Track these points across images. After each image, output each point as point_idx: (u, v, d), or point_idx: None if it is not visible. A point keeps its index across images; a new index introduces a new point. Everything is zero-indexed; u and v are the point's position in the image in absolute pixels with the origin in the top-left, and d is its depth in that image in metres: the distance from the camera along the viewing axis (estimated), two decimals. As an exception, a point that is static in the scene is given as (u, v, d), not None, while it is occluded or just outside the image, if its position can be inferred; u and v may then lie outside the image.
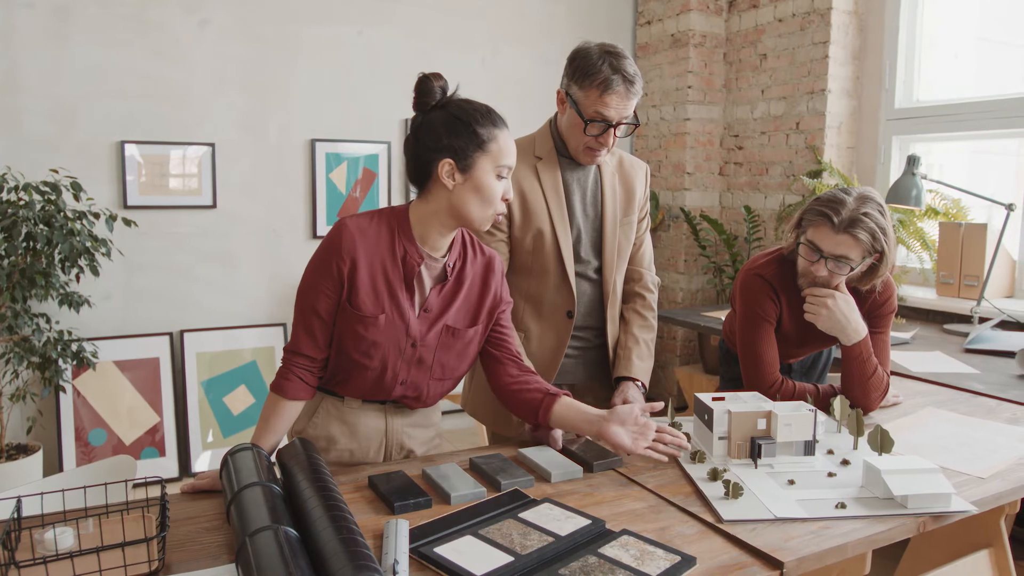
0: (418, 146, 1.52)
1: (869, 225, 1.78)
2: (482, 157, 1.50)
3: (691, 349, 4.73)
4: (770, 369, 1.94)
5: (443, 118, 1.50)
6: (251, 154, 3.87)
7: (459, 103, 1.53)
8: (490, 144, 1.50)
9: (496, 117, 1.53)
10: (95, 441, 3.51)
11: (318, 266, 1.53)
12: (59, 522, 1.29)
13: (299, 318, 1.55)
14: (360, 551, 1.05)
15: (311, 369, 1.56)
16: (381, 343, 1.55)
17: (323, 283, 1.52)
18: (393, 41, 4.09)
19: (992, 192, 3.21)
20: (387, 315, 1.54)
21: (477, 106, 1.53)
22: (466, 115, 1.50)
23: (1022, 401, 2.14)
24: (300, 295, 1.55)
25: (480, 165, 1.50)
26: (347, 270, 1.50)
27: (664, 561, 1.19)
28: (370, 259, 1.52)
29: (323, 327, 1.54)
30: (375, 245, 1.53)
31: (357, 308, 1.52)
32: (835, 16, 3.89)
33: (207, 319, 3.84)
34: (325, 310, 1.53)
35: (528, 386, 1.65)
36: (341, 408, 1.65)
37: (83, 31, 3.46)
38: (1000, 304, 3.20)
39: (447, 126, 1.49)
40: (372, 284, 1.52)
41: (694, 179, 4.64)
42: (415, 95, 1.53)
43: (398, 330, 1.55)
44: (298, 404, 1.57)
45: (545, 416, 1.61)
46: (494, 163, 1.51)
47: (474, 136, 1.49)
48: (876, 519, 1.37)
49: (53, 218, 3.01)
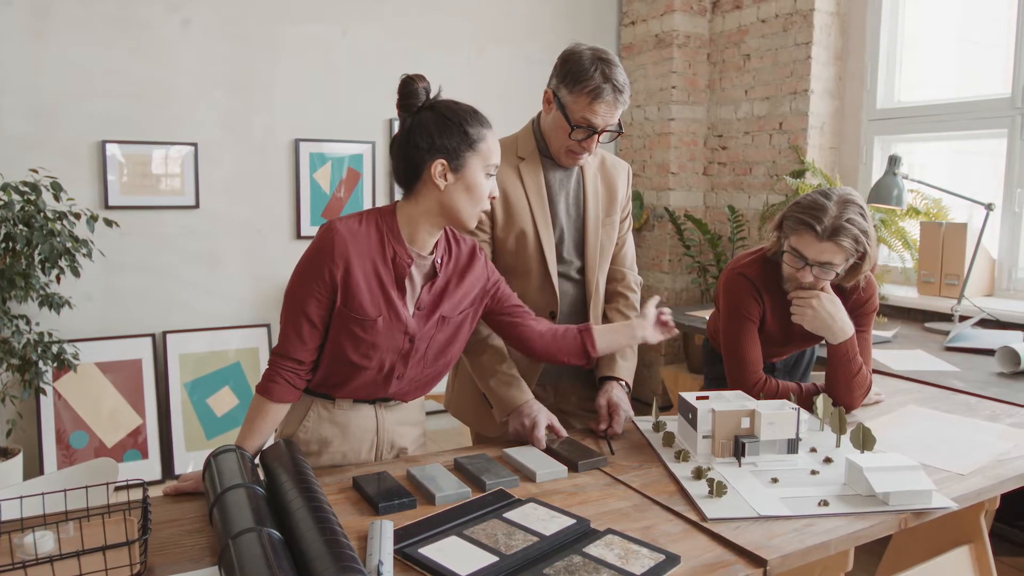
0: (409, 147, 1.53)
1: (852, 232, 1.79)
2: (473, 157, 1.52)
3: (676, 348, 4.74)
4: (754, 368, 1.95)
5: (434, 119, 1.52)
6: (234, 154, 3.85)
7: (447, 104, 1.54)
8: (480, 144, 1.53)
9: (483, 117, 1.56)
10: (76, 444, 3.48)
11: (309, 269, 1.52)
12: (39, 526, 1.28)
13: (287, 321, 1.54)
14: (344, 552, 1.05)
15: (298, 372, 1.55)
16: (380, 344, 1.55)
17: (314, 287, 1.51)
18: (377, 41, 4.08)
19: (972, 192, 3.24)
20: (384, 317, 1.54)
21: (465, 107, 1.55)
22: (456, 116, 1.52)
23: (1001, 399, 2.17)
24: (289, 298, 1.54)
25: (471, 164, 1.52)
26: (340, 275, 1.50)
27: (648, 560, 1.19)
28: (363, 262, 1.52)
29: (312, 331, 1.54)
30: (366, 247, 1.53)
31: (356, 311, 1.52)
32: (817, 17, 3.92)
33: (190, 320, 3.81)
34: (316, 314, 1.52)
35: (559, 332, 1.77)
36: (332, 410, 1.64)
37: (64, 29, 3.43)
38: (980, 303, 3.23)
39: (438, 127, 1.51)
40: (368, 286, 1.52)
41: (678, 179, 4.66)
42: (399, 96, 1.54)
43: (396, 330, 1.56)
44: (283, 407, 1.56)
45: (594, 348, 1.77)
46: (484, 162, 1.54)
47: (465, 136, 1.51)
48: (858, 516, 1.38)
49: (33, 218, 2.98)
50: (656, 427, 1.84)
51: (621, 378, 1.95)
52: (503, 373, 1.83)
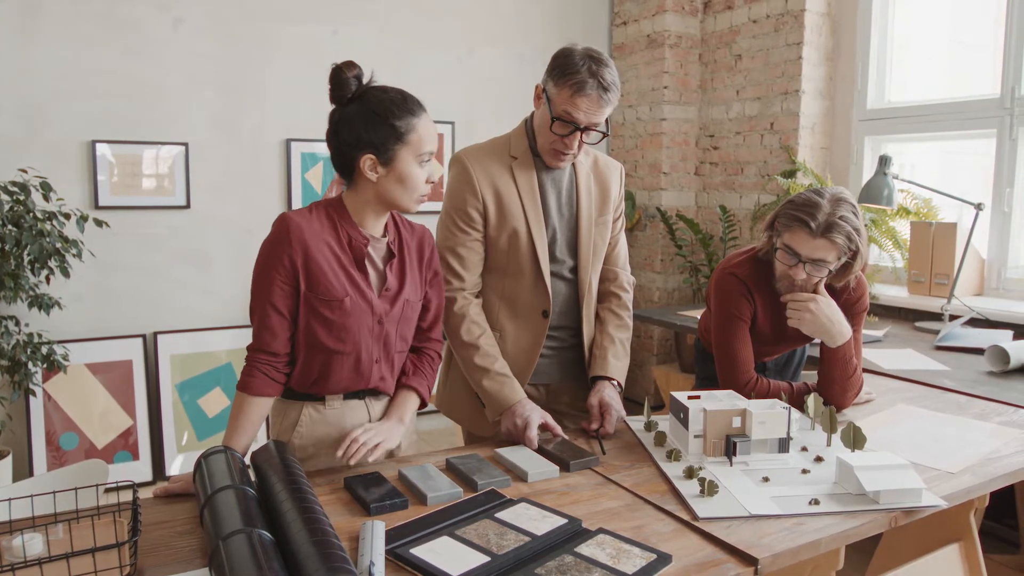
0: (338, 142, 1.54)
1: (846, 229, 1.80)
2: (402, 149, 1.52)
3: (668, 348, 4.75)
4: (745, 368, 1.96)
5: (360, 113, 1.51)
6: (225, 154, 3.83)
7: (375, 95, 1.53)
8: (409, 135, 1.52)
9: (412, 104, 1.54)
10: (66, 445, 3.46)
11: (268, 260, 1.53)
12: (28, 528, 1.27)
13: (256, 315, 1.55)
14: (334, 552, 1.04)
15: (275, 365, 1.56)
16: (351, 326, 1.56)
17: (276, 276, 1.52)
18: (368, 41, 4.07)
19: (962, 192, 3.26)
20: (351, 297, 1.55)
21: (393, 96, 1.53)
22: (383, 108, 1.51)
23: (991, 397, 2.18)
24: (255, 292, 1.56)
25: (401, 157, 1.53)
26: (300, 259, 1.51)
27: (640, 559, 1.20)
28: (319, 246, 1.54)
29: (282, 321, 1.54)
30: (320, 233, 1.55)
31: (322, 294, 1.53)
32: (808, 18, 3.93)
33: (181, 321, 3.79)
34: (282, 303, 1.53)
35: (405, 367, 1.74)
36: (323, 411, 1.64)
37: (53, 28, 3.41)
38: (970, 302, 3.25)
39: (364, 121, 1.51)
40: (330, 268, 1.54)
41: (670, 179, 4.66)
42: (330, 88, 1.54)
43: (364, 311, 1.57)
44: (266, 401, 1.56)
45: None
46: (414, 153, 1.53)
47: (392, 130, 1.51)
48: (849, 515, 1.39)
49: (22, 219, 2.96)
50: (648, 427, 1.84)
51: (613, 378, 1.95)
52: (496, 373, 1.84)
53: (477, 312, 1.91)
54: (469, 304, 1.90)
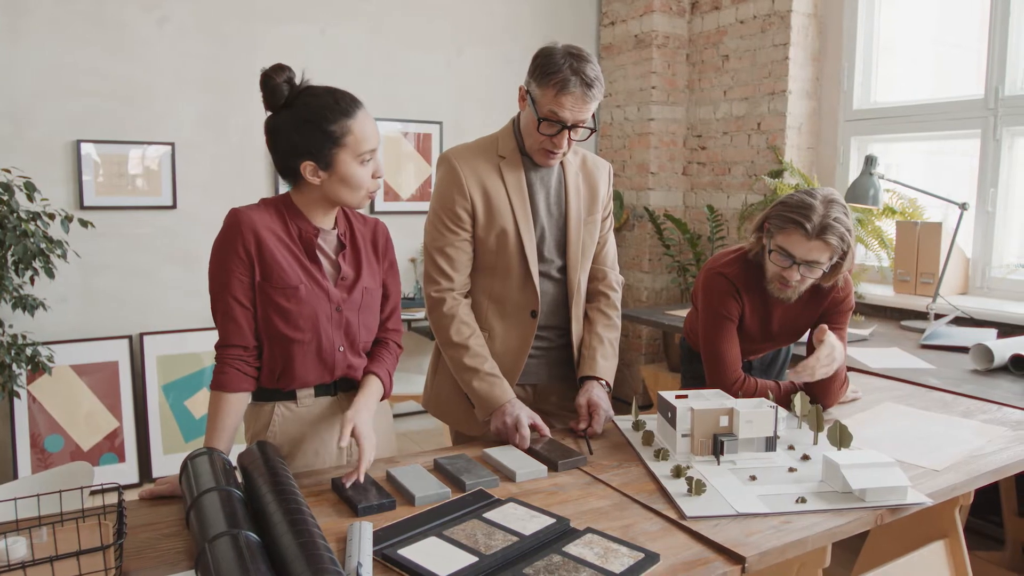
0: (275, 150, 1.54)
1: (839, 230, 1.81)
2: (340, 152, 1.51)
3: (656, 348, 4.76)
4: (732, 367, 1.96)
5: (292, 120, 1.50)
6: (212, 154, 3.81)
7: (306, 100, 1.51)
8: (345, 138, 1.50)
9: (346, 104, 1.52)
10: (51, 447, 3.43)
11: (223, 252, 1.53)
12: (11, 531, 1.25)
13: (219, 311, 1.55)
14: (321, 554, 1.04)
15: (245, 359, 1.55)
16: (307, 313, 1.55)
17: (232, 266, 1.52)
18: (356, 41, 4.05)
19: (947, 192, 3.29)
20: (305, 285, 1.55)
21: (323, 100, 1.51)
22: (314, 114, 1.49)
23: (976, 395, 2.20)
24: (213, 288, 1.56)
25: (340, 159, 1.51)
26: (253, 247, 1.52)
27: (628, 558, 1.20)
28: (270, 236, 1.54)
29: (245, 312, 1.54)
30: (270, 225, 1.55)
31: (277, 281, 1.53)
32: (795, 18, 3.95)
33: (167, 322, 3.77)
34: (242, 293, 1.54)
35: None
36: (295, 409, 1.63)
37: (38, 27, 3.38)
38: (955, 301, 3.28)
39: (298, 129, 1.50)
40: (283, 257, 1.54)
41: (658, 179, 4.67)
42: (262, 94, 1.53)
43: (319, 298, 1.57)
44: (242, 397, 1.55)
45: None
46: (354, 153, 1.52)
47: (327, 135, 1.49)
48: (835, 513, 1.39)
49: (6, 219, 2.93)
50: (636, 426, 1.84)
51: (602, 378, 1.95)
52: (485, 372, 1.83)
53: (466, 312, 1.90)
54: (458, 304, 1.89)
